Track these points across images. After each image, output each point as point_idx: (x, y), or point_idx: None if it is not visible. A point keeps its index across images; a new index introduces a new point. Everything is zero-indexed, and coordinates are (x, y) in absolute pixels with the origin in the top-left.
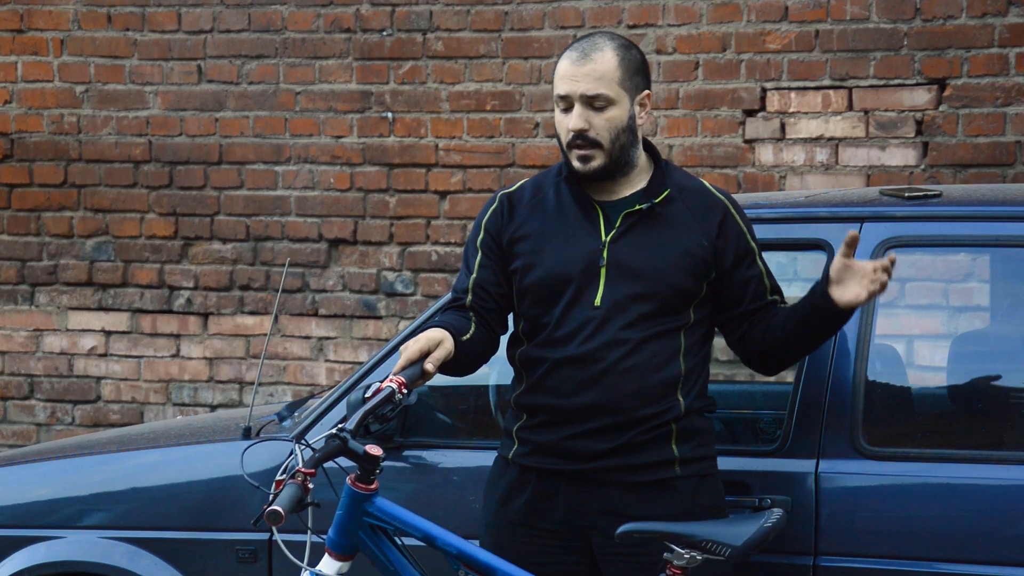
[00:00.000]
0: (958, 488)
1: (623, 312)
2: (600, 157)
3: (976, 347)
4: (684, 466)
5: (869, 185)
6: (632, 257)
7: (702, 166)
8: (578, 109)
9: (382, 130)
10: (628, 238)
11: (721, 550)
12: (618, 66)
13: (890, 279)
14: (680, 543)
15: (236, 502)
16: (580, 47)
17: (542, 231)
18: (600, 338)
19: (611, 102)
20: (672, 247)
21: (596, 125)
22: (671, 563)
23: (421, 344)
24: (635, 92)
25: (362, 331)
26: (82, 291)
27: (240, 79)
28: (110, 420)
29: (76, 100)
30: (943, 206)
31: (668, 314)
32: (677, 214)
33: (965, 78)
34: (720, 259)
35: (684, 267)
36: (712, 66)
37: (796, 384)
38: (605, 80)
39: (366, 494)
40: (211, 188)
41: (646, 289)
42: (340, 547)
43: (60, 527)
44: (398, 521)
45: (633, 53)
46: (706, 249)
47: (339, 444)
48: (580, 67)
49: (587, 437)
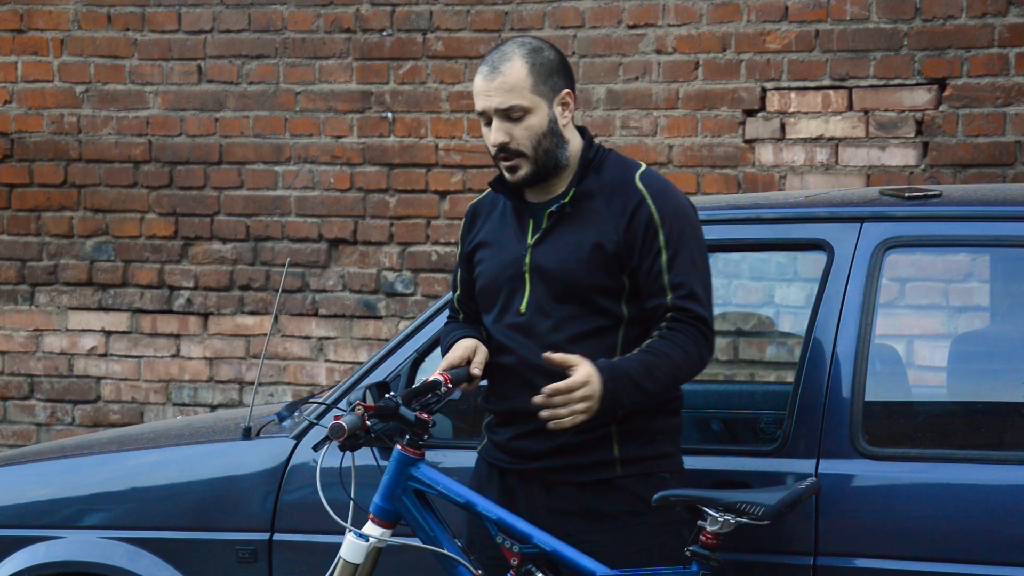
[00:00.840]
0: (958, 488)
1: (546, 316)
2: (526, 165)
3: (976, 347)
4: (626, 466)
5: (869, 185)
6: (548, 259)
7: (702, 166)
8: (496, 123)
9: (382, 130)
10: (548, 240)
11: (755, 510)
12: (528, 74)
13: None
14: (714, 507)
15: (236, 502)
16: (490, 60)
17: (489, 239)
18: (529, 344)
19: (527, 111)
20: (584, 244)
21: (516, 136)
22: (704, 529)
23: (460, 352)
24: (552, 94)
25: (362, 331)
26: (82, 291)
27: (240, 79)
28: (110, 420)
29: (76, 100)
30: (943, 206)
31: (594, 312)
32: (594, 209)
33: (965, 78)
34: (628, 250)
35: (596, 263)
36: (712, 66)
37: (796, 384)
38: (516, 91)
39: (414, 458)
40: (211, 188)
41: (562, 289)
42: (384, 512)
43: (60, 527)
44: (442, 487)
45: (545, 55)
46: (616, 243)
47: (393, 405)
48: (491, 81)
49: (529, 437)
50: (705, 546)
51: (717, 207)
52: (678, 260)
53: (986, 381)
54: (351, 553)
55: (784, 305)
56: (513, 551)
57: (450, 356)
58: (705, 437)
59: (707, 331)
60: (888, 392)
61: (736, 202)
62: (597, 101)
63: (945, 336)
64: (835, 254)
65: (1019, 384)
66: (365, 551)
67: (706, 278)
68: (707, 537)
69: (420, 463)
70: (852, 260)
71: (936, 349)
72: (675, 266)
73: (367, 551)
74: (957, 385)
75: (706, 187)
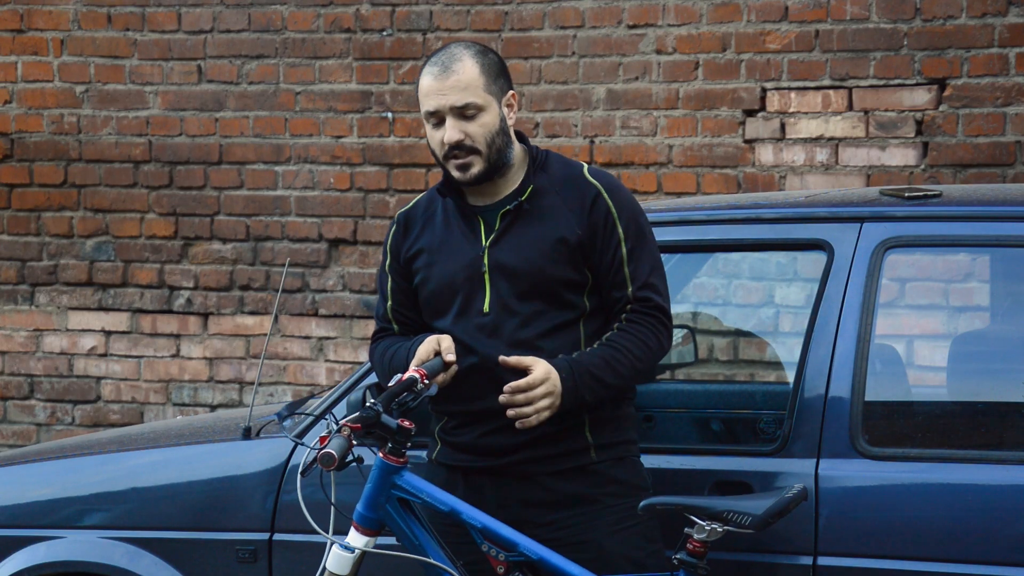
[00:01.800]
0: (958, 488)
1: (512, 314)
2: (479, 163)
3: (976, 347)
4: (600, 451)
5: (869, 185)
6: (510, 257)
7: (702, 166)
8: (451, 121)
9: (382, 130)
10: (506, 239)
11: (742, 519)
12: (480, 73)
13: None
14: (701, 515)
15: (236, 502)
16: (439, 61)
17: (432, 245)
18: (496, 343)
19: (481, 109)
20: (546, 239)
21: (472, 133)
22: (691, 537)
23: (426, 347)
24: (501, 94)
25: (362, 331)
26: (82, 291)
27: (240, 79)
28: (110, 420)
29: (76, 100)
30: (943, 206)
31: (560, 307)
32: (551, 206)
33: (965, 78)
34: (591, 243)
35: (560, 257)
36: (712, 66)
37: (796, 384)
38: (471, 89)
39: (396, 467)
40: (211, 188)
41: (529, 286)
42: (367, 521)
43: (60, 527)
44: (425, 495)
45: (490, 57)
46: (578, 236)
47: (374, 414)
48: (444, 81)
49: (500, 433)
50: (692, 554)
51: (717, 207)
52: (636, 252)
53: (986, 381)
54: (336, 564)
55: (784, 305)
56: (499, 559)
57: (419, 353)
58: (705, 437)
59: (667, 320)
60: (888, 392)
61: (736, 202)
62: (597, 101)
63: (945, 336)
64: (835, 254)
65: (1020, 384)
66: (350, 562)
67: (661, 269)
68: (694, 545)
69: (403, 471)
70: (852, 260)
71: (936, 349)
72: (634, 258)
73: (352, 562)
74: (957, 385)
75: (706, 187)
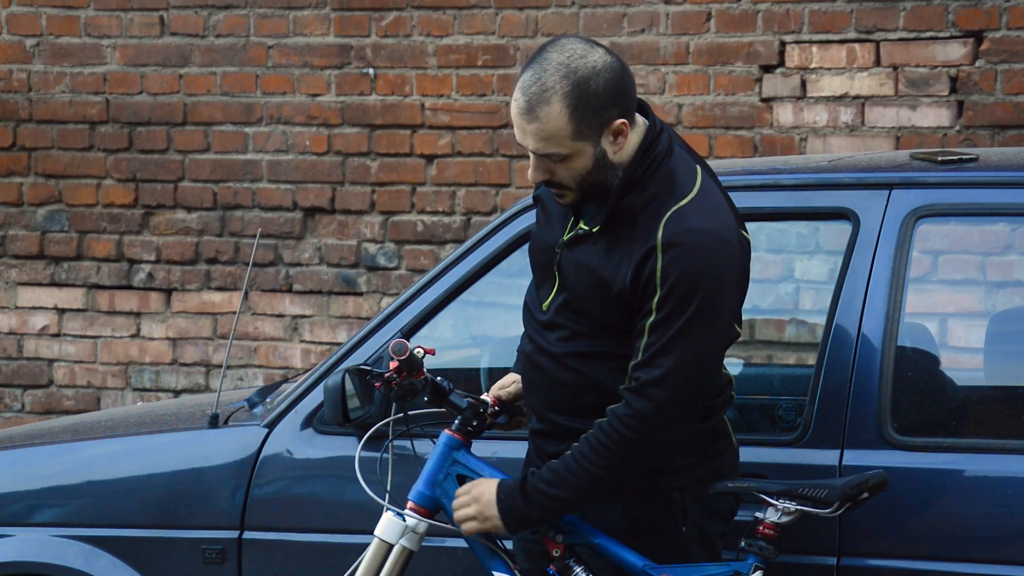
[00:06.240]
0: (996, 481)
1: (559, 327)
2: (571, 195)
3: (1016, 326)
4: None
5: (898, 148)
6: (571, 269)
7: (715, 127)
8: (535, 160)
9: (363, 88)
10: (576, 249)
11: (819, 492)
12: (568, 120)
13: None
14: (775, 494)
15: (202, 497)
16: (527, 90)
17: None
18: (542, 343)
19: (565, 157)
20: (595, 273)
21: (558, 174)
22: (764, 521)
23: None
24: (600, 131)
25: (341, 309)
26: (32, 265)
27: (207, 31)
28: (63, 406)
29: (26, 55)
30: (979, 171)
31: (608, 337)
32: (620, 239)
33: (1004, 30)
34: (630, 296)
35: (603, 297)
36: (726, 17)
37: (818, 367)
38: (555, 139)
39: (461, 442)
40: (174, 152)
41: (577, 308)
42: (424, 499)
43: (8, 524)
44: (487, 474)
45: (592, 89)
46: (623, 285)
47: (445, 388)
48: (527, 122)
49: (539, 436)
50: (764, 538)
51: (732, 172)
52: (662, 327)
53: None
54: (387, 532)
55: (805, 280)
56: (557, 541)
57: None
58: None
59: (646, 409)
60: (919, 376)
61: (752, 167)
62: None
63: (982, 314)
64: (861, 224)
65: None
66: (401, 531)
67: (691, 349)
68: (767, 528)
69: (464, 449)
70: (880, 231)
71: (972, 328)
72: (656, 331)
73: (403, 532)
74: (995, 368)
75: (719, 150)
